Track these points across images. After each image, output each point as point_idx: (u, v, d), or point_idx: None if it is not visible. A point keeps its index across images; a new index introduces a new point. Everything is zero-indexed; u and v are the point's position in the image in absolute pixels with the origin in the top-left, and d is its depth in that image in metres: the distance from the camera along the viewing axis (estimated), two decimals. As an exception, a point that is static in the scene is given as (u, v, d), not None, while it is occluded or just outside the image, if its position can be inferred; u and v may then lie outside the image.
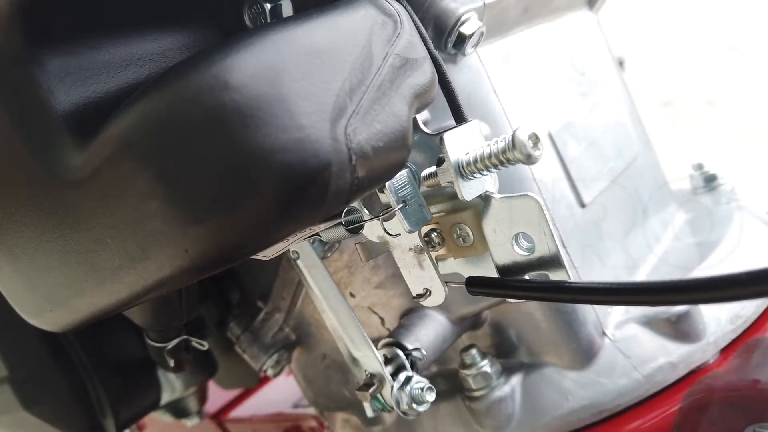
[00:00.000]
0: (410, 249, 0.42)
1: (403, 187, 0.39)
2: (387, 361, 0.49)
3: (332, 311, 0.50)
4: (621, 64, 0.74)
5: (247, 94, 0.27)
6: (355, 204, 0.41)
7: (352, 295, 0.59)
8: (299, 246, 0.49)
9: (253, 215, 0.28)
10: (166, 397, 0.71)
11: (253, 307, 0.69)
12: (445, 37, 0.46)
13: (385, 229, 0.41)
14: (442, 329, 0.54)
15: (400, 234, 0.41)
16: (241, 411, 1.03)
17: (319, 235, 0.44)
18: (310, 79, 0.29)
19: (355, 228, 0.42)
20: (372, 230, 0.42)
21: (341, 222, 0.41)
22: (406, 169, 0.40)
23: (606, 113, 0.64)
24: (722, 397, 0.46)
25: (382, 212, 0.39)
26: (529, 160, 0.34)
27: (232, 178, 0.27)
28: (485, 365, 0.53)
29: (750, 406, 0.45)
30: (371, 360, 0.49)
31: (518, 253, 0.38)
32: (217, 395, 0.99)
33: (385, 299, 0.57)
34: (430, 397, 0.48)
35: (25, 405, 0.59)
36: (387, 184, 0.38)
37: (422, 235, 0.42)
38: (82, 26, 0.32)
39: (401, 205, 0.39)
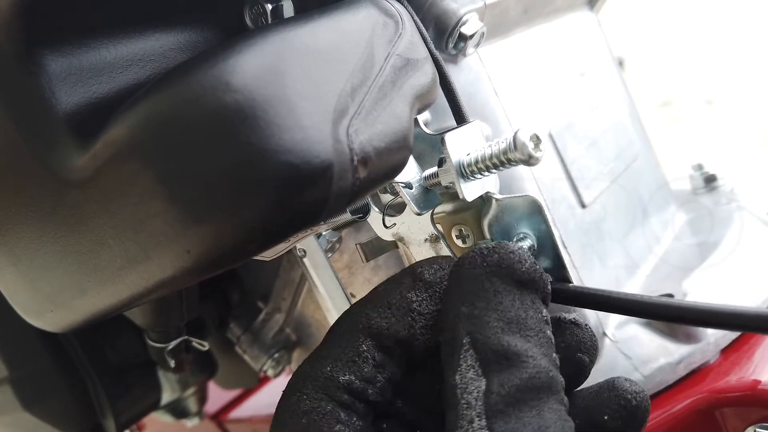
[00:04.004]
0: (426, 240, 0.41)
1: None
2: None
3: (337, 311, 0.50)
4: (621, 64, 0.74)
5: (249, 95, 0.27)
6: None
7: (352, 295, 0.59)
8: (305, 243, 0.49)
9: (255, 216, 0.27)
10: (166, 398, 0.71)
11: (254, 307, 0.69)
12: (446, 38, 0.46)
13: (385, 223, 0.41)
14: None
15: (411, 230, 0.41)
16: (241, 411, 1.03)
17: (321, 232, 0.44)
18: (311, 79, 0.29)
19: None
20: (386, 231, 0.42)
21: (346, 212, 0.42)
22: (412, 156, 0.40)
23: (606, 113, 0.64)
24: (723, 397, 0.46)
25: (389, 202, 0.39)
26: (531, 161, 0.34)
27: (233, 178, 0.27)
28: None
29: (751, 407, 0.45)
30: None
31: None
32: (217, 395, 0.99)
33: (386, 299, 0.57)
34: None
35: (25, 405, 0.59)
36: None
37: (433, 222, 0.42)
38: (83, 27, 0.32)
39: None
